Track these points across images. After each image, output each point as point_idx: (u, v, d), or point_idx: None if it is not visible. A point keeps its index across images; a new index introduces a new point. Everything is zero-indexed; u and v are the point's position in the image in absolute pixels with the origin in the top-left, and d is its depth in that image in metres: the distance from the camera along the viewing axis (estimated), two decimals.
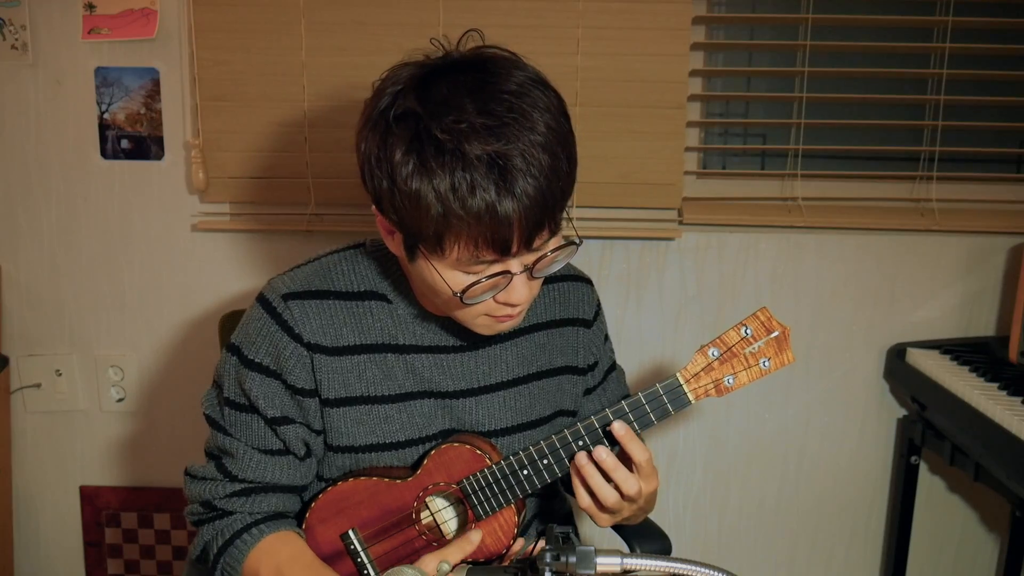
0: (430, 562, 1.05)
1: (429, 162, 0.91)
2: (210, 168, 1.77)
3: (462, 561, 1.08)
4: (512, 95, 0.94)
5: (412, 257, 1.01)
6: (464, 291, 0.98)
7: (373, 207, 1.03)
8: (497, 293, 1.00)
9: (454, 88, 0.94)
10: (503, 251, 0.95)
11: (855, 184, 1.87)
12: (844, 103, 1.88)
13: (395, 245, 1.05)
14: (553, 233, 0.99)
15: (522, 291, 0.99)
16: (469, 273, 0.98)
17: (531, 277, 1.00)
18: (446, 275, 0.98)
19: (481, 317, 1.04)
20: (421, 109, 0.93)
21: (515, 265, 0.98)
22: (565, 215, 1.00)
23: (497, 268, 0.97)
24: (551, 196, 0.94)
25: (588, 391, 1.29)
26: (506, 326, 1.07)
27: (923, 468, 1.91)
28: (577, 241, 1.03)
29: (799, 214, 1.82)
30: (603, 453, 1.04)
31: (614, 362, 1.35)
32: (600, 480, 1.05)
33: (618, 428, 1.04)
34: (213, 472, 1.14)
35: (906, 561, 1.90)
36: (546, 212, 0.95)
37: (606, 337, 1.32)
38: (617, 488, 1.05)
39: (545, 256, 1.00)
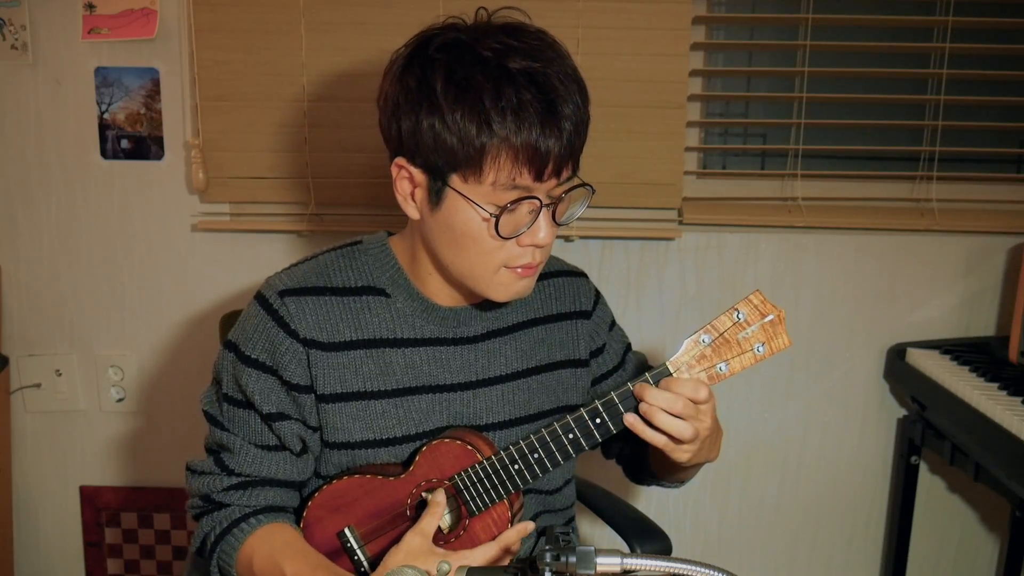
0: (410, 540, 1.06)
1: (476, 77, 0.97)
2: (210, 168, 1.77)
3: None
4: (537, 33, 1.03)
5: (438, 201, 1.03)
6: (500, 215, 1.00)
7: (396, 160, 1.05)
8: (525, 232, 1.03)
9: (489, 25, 1.03)
10: (539, 172, 0.99)
11: (855, 184, 1.87)
12: (844, 103, 1.88)
13: (415, 204, 1.07)
14: (574, 172, 1.05)
15: (547, 230, 1.04)
16: (499, 205, 1.01)
17: (553, 222, 1.05)
18: (481, 204, 1.01)
19: (501, 272, 1.06)
20: (465, 36, 1.00)
21: (543, 196, 1.02)
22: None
23: (527, 195, 1.01)
24: (582, 124, 1.02)
25: (605, 376, 1.29)
26: (523, 284, 1.08)
27: (923, 468, 1.91)
28: (591, 186, 1.07)
29: (799, 214, 1.82)
30: (648, 392, 1.04)
31: (629, 344, 1.35)
32: (664, 415, 1.03)
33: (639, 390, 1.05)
34: (211, 467, 1.15)
35: (906, 561, 1.90)
36: (578, 139, 1.02)
37: (612, 323, 1.32)
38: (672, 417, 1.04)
39: (563, 199, 1.04)
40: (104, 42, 1.75)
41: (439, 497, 1.10)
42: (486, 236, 1.02)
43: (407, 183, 1.06)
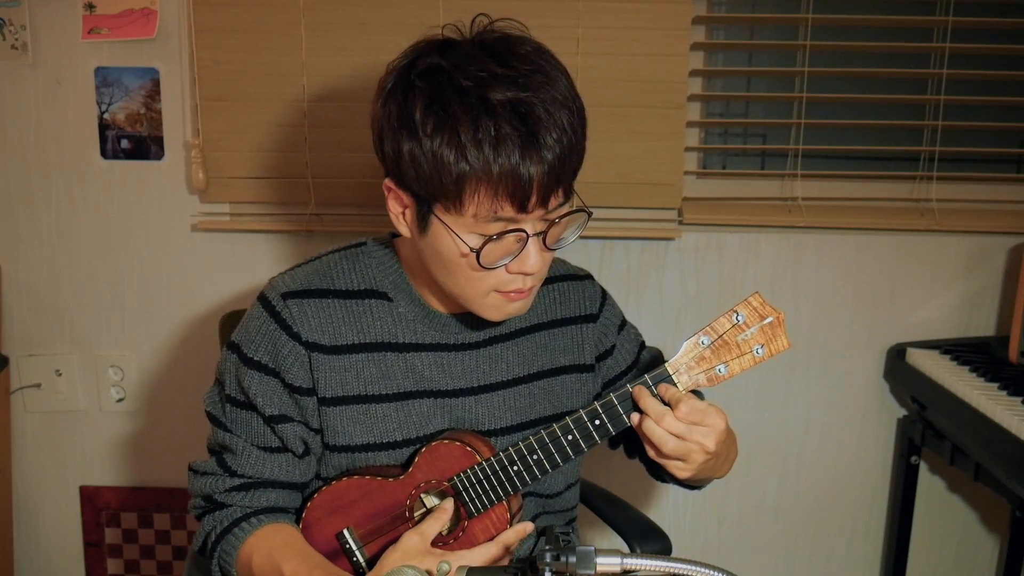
0: (408, 540, 1.06)
1: (453, 108, 0.94)
2: (210, 168, 1.77)
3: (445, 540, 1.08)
4: (530, 55, 0.98)
5: (425, 227, 1.02)
6: (480, 248, 0.98)
7: (386, 182, 1.04)
8: (511, 260, 1.01)
9: (475, 48, 0.99)
10: (521, 204, 0.96)
11: (855, 184, 1.87)
12: (844, 103, 1.88)
13: (406, 223, 1.06)
14: (566, 198, 1.01)
15: (536, 259, 1.01)
16: (484, 235, 0.99)
17: (544, 247, 1.02)
18: (463, 235, 0.99)
19: (491, 295, 1.05)
20: (445, 63, 0.97)
21: (530, 226, 0.99)
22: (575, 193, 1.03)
23: (512, 227, 0.98)
24: (570, 152, 0.98)
25: (620, 376, 1.29)
26: (515, 307, 1.07)
27: (923, 468, 1.91)
28: (588, 211, 1.03)
29: (799, 214, 1.82)
30: (643, 400, 1.04)
31: (643, 342, 1.34)
32: (649, 424, 1.03)
33: (636, 392, 1.05)
34: (214, 467, 1.15)
35: (906, 561, 1.90)
36: (565, 167, 0.98)
37: (622, 323, 1.30)
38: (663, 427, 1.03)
39: (556, 223, 1.01)
40: (104, 42, 1.75)
41: (448, 505, 1.10)
42: (468, 267, 1.01)
43: (397, 203, 1.06)
